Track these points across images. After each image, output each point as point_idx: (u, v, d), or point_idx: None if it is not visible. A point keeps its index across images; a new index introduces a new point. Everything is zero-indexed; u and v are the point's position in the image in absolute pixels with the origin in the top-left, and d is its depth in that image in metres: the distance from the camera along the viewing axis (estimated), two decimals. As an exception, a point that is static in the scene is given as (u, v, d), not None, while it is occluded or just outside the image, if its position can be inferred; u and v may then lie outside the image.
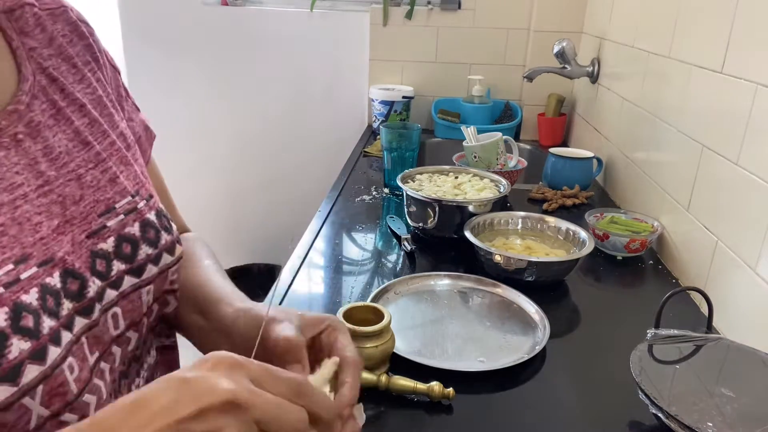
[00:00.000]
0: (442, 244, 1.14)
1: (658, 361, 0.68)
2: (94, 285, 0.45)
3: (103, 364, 0.46)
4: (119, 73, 0.60)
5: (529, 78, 1.67)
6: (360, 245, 1.14)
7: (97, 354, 0.45)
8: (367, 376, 0.68)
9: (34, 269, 0.41)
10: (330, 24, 2.07)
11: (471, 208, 1.10)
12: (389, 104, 1.93)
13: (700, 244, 0.95)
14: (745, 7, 0.86)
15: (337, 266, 1.05)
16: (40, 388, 0.38)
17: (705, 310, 0.78)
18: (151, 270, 0.50)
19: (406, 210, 1.18)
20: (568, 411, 0.69)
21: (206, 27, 2.07)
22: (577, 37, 1.80)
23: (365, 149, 1.80)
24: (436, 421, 0.66)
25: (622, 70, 1.44)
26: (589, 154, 1.45)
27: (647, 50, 1.25)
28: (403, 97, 1.93)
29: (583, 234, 1.03)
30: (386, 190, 1.44)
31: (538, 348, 0.77)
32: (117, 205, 0.49)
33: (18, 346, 0.37)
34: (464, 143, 1.49)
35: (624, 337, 0.80)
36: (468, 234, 1.01)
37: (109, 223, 0.48)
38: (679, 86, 1.08)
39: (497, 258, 0.95)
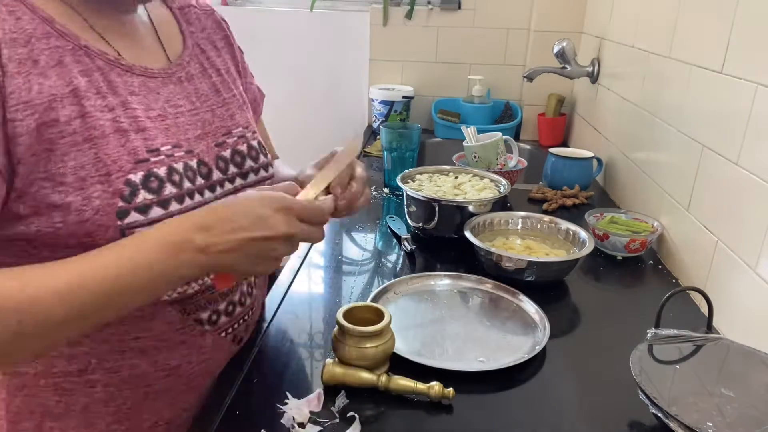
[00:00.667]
0: (442, 244, 1.14)
1: (658, 361, 0.68)
2: (216, 174, 0.70)
3: None
4: (243, 53, 0.87)
5: (529, 78, 1.67)
6: (360, 245, 1.14)
7: None
8: (367, 376, 0.68)
9: (182, 153, 0.66)
10: (330, 24, 2.07)
11: (471, 208, 1.10)
12: (389, 104, 1.93)
13: (700, 244, 0.95)
14: (745, 7, 0.86)
15: (337, 266, 1.05)
16: None
17: (705, 310, 0.78)
18: (252, 177, 0.75)
19: (406, 210, 1.18)
20: (568, 411, 0.69)
21: (206, 27, 2.07)
22: (577, 37, 1.80)
23: (365, 149, 1.80)
24: (436, 421, 0.66)
25: (622, 70, 1.44)
26: (589, 154, 1.45)
27: (647, 50, 1.25)
28: (403, 97, 1.93)
29: (583, 234, 1.03)
30: (386, 190, 1.44)
31: (538, 348, 0.77)
32: (233, 132, 0.75)
33: (169, 189, 0.62)
34: (464, 143, 1.49)
35: (624, 337, 0.80)
36: (468, 234, 1.01)
37: (228, 141, 0.73)
38: (679, 86, 1.08)
39: (497, 258, 0.95)
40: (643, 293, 1.00)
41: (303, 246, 1.11)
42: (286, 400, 0.66)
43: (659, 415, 0.60)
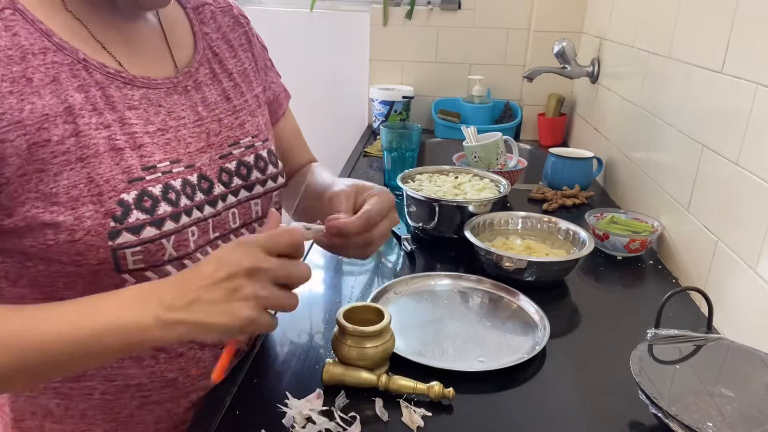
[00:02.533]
0: (442, 244, 1.14)
1: (658, 361, 0.68)
2: (218, 188, 0.68)
3: (220, 242, 0.69)
4: (266, 50, 0.85)
5: (529, 78, 1.68)
6: (360, 245, 1.14)
7: (218, 234, 0.68)
8: (367, 376, 0.68)
9: (182, 168, 0.64)
10: (330, 24, 2.07)
11: (471, 208, 1.10)
12: (389, 104, 1.93)
13: (700, 244, 0.95)
14: (745, 7, 0.86)
15: (337, 266, 1.05)
16: (173, 237, 0.61)
17: (705, 310, 0.78)
18: (258, 189, 0.73)
19: (406, 210, 1.18)
20: (568, 411, 0.69)
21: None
22: (577, 37, 1.80)
23: (365, 149, 1.80)
24: (436, 421, 0.66)
25: (622, 70, 1.44)
26: (589, 154, 1.45)
27: (647, 50, 1.25)
28: (403, 97, 1.93)
29: (583, 234, 1.03)
30: (386, 190, 1.44)
31: (538, 348, 0.77)
32: (241, 141, 0.72)
33: (164, 207, 0.60)
34: (464, 143, 1.49)
35: (624, 337, 0.80)
36: (468, 234, 1.01)
37: (234, 152, 0.71)
38: (679, 86, 1.08)
39: (497, 258, 0.95)
40: (643, 293, 1.00)
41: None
42: (286, 400, 0.66)
43: (659, 415, 0.60)
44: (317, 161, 0.96)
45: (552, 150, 1.47)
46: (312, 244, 1.12)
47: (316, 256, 1.08)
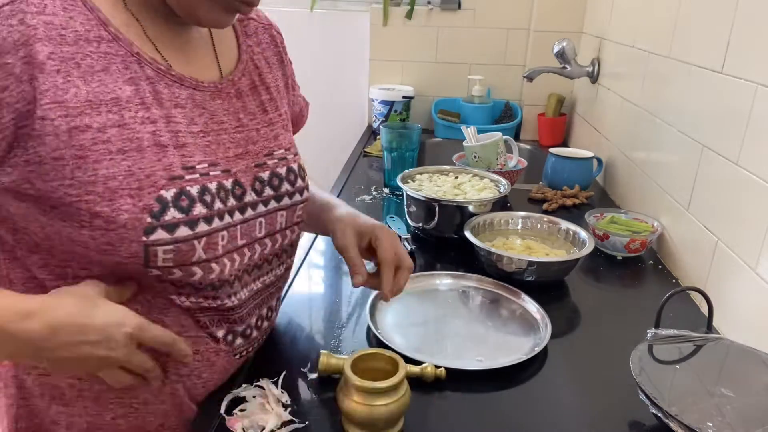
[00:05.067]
0: (442, 244, 1.14)
1: (658, 361, 0.68)
2: (249, 196, 0.68)
3: (245, 250, 0.68)
4: (291, 64, 0.86)
5: (529, 78, 1.68)
6: (360, 245, 1.14)
7: (245, 241, 0.68)
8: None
9: (218, 172, 0.65)
10: (330, 24, 2.07)
11: (471, 208, 1.10)
12: (389, 104, 1.93)
13: (700, 244, 0.95)
14: (745, 7, 0.86)
15: (337, 266, 1.05)
16: (204, 239, 0.62)
17: (705, 310, 0.78)
18: (286, 201, 0.74)
19: (406, 210, 1.18)
20: (568, 411, 0.69)
21: (206, 27, 2.07)
22: (577, 37, 1.80)
23: (365, 149, 1.80)
24: (436, 421, 0.66)
25: (622, 70, 1.44)
26: (589, 154, 1.45)
27: (647, 50, 1.25)
28: (403, 97, 1.93)
29: (583, 234, 1.03)
30: (386, 190, 1.44)
31: (539, 348, 0.77)
32: (275, 153, 0.74)
33: (199, 209, 0.61)
34: (464, 143, 1.49)
35: (624, 337, 0.80)
36: (468, 234, 1.01)
37: (269, 162, 0.72)
38: (679, 86, 1.08)
39: (497, 258, 0.95)
40: (643, 293, 1.00)
41: (303, 245, 1.11)
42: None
43: (659, 415, 0.60)
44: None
45: (552, 150, 1.47)
46: (310, 251, 1.12)
47: (316, 256, 1.08)
